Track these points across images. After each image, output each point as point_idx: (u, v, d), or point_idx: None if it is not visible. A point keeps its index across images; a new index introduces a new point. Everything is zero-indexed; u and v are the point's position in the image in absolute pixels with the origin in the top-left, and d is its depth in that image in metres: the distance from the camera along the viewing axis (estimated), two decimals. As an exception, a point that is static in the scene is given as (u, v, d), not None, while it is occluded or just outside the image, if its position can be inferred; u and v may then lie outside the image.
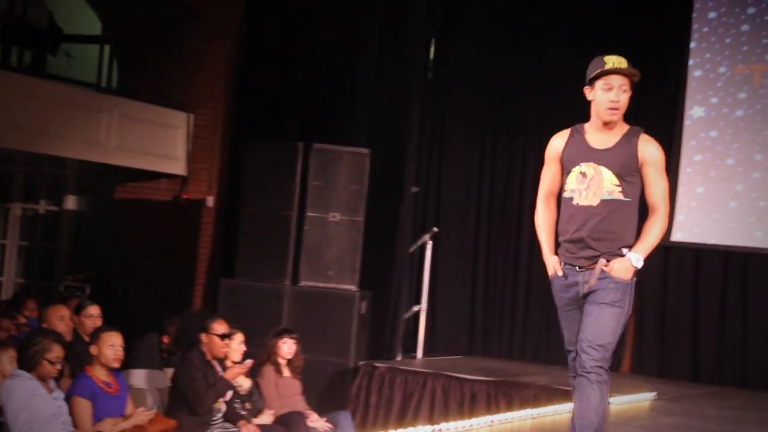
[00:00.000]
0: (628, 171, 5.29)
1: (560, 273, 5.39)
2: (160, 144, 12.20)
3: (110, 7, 12.17)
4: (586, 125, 5.43)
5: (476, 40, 11.68)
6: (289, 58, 11.79)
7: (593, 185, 5.32)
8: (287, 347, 8.84)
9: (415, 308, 11.19)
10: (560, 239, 5.40)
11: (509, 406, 8.83)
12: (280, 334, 8.94)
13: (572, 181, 5.39)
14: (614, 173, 5.29)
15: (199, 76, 12.32)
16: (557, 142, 5.52)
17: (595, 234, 5.29)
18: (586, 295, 5.31)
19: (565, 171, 5.44)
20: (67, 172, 13.43)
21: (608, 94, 5.30)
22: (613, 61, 5.31)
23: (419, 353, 11.09)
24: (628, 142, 5.34)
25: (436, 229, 11.32)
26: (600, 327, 5.27)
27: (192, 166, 12.34)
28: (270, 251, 10.75)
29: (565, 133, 5.49)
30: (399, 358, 11.05)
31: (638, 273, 5.33)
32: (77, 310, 8.34)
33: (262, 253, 10.76)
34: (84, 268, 12.89)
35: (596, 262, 5.26)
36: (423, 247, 11.25)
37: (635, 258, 5.27)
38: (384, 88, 11.42)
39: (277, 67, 11.86)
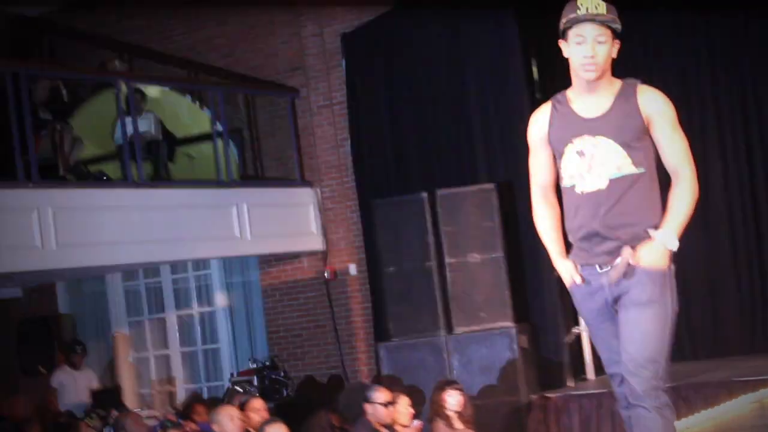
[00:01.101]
0: (635, 135, 4.35)
1: (578, 280, 4.43)
2: (294, 223, 12.35)
3: (216, 102, 12.39)
4: (569, 92, 4.51)
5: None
6: (396, 112, 11.81)
7: (596, 164, 4.35)
8: (453, 399, 8.74)
9: (575, 330, 10.97)
10: (571, 239, 4.48)
11: (690, 410, 8.57)
12: (443, 387, 8.86)
13: (569, 165, 4.42)
14: (618, 142, 4.34)
15: (316, 149, 12.45)
16: (540, 121, 4.57)
17: (611, 222, 4.33)
18: (617, 299, 4.39)
19: (557, 154, 4.49)
20: (212, 271, 13.65)
21: (581, 48, 4.37)
22: (587, 5, 4.35)
23: (590, 375, 10.86)
24: (626, 100, 4.39)
25: (577, 248, 11.09)
26: (643, 336, 4.31)
27: (329, 238, 12.44)
28: (419, 306, 10.69)
29: (546, 108, 4.57)
30: (571, 384, 10.84)
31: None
32: (242, 406, 8.43)
33: (412, 310, 10.72)
34: (248, 361, 13.04)
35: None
36: (570, 268, 11.01)
37: (667, 238, 4.27)
38: (494, 118, 11.30)
39: (387, 123, 11.88)
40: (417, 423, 8.28)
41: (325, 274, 12.40)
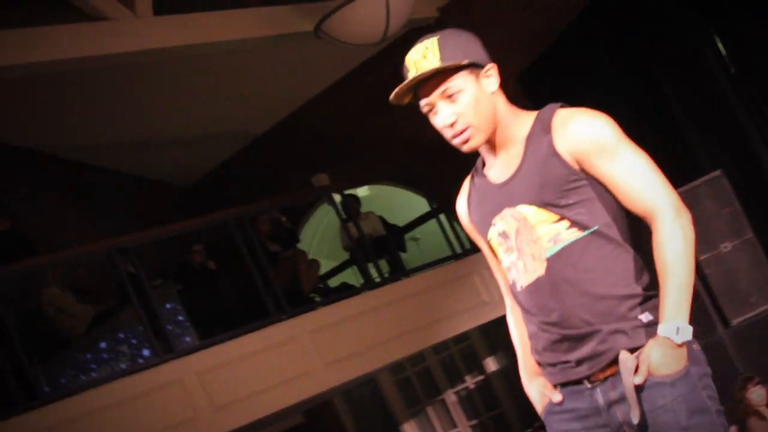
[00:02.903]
0: (561, 187, 3.02)
1: (556, 398, 3.12)
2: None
3: (429, 181, 12.56)
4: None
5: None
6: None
7: (524, 244, 3.08)
8: (757, 395, 8.51)
9: None
10: (536, 356, 3.19)
11: None
12: (744, 385, 8.63)
13: (502, 255, 3.19)
14: (542, 206, 3.04)
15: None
16: (461, 205, 3.35)
17: (572, 317, 3.02)
18: (623, 425, 3.03)
19: (490, 244, 3.26)
20: (472, 340, 13.73)
21: (436, 118, 3.15)
22: (415, 58, 3.09)
23: None
24: (538, 142, 3.07)
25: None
26: None
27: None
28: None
29: (465, 184, 3.34)
30: None
31: None
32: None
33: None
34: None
35: (611, 362, 3.01)
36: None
37: (675, 331, 2.94)
38: (697, 108, 11.04)
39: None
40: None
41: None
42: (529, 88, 12.03)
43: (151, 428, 9.00)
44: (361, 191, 13.33)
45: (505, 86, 3.26)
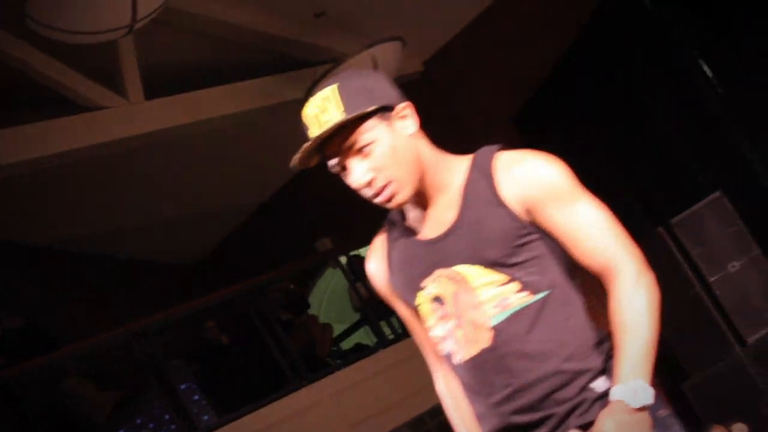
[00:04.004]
0: (510, 242, 2.60)
1: None
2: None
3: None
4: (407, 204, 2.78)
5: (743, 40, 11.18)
6: (599, 168, 11.70)
7: (463, 310, 2.64)
8: None
9: None
10: None
11: None
12: None
13: (433, 324, 2.75)
14: (486, 265, 2.61)
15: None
16: (375, 265, 2.91)
17: (525, 398, 2.60)
18: None
19: (412, 310, 2.84)
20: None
21: (348, 178, 2.75)
22: (313, 112, 2.62)
23: None
24: (478, 191, 2.64)
25: None
26: None
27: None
28: (702, 333, 10.47)
29: (380, 242, 2.89)
30: None
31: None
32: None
33: (697, 340, 10.51)
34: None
35: None
36: None
37: (632, 393, 2.46)
38: (691, 131, 11.14)
39: (594, 182, 11.80)
40: None
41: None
42: (525, 128, 12.13)
43: None
44: (365, 251, 13.35)
45: (499, 131, 3.26)
